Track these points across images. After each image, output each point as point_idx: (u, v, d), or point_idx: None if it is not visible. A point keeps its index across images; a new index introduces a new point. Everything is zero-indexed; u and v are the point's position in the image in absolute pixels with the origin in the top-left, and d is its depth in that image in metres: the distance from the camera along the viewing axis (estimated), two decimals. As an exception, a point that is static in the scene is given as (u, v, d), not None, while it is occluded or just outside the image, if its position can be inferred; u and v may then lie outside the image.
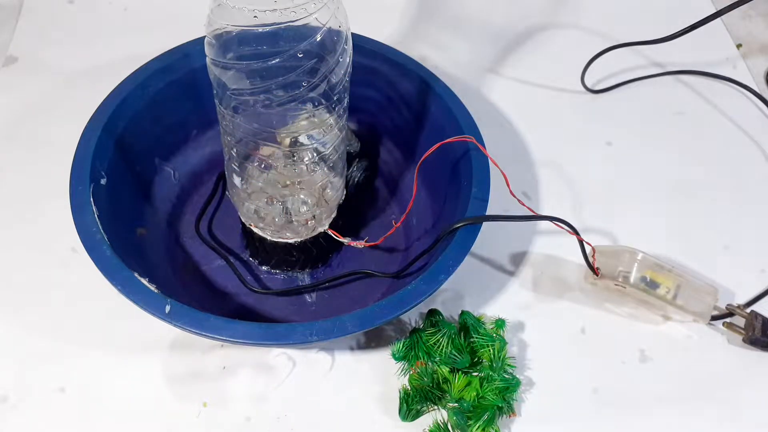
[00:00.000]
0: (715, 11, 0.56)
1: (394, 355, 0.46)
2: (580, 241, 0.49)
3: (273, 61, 0.39)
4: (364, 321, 0.41)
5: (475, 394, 0.44)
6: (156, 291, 0.41)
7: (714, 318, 0.52)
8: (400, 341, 0.47)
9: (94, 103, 0.48)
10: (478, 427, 0.43)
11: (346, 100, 0.44)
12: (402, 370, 0.47)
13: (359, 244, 0.50)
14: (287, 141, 0.44)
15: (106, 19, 0.70)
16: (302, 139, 0.44)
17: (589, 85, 0.68)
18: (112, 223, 0.45)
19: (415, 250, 0.51)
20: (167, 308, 0.39)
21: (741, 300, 0.54)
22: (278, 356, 0.48)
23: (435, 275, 0.43)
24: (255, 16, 0.36)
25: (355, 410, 0.47)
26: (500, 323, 0.48)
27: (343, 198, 0.51)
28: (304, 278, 0.53)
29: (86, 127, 0.47)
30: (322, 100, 0.42)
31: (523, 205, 0.50)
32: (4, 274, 0.51)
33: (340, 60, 0.40)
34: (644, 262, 0.50)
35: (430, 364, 0.46)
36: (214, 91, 0.42)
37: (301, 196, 0.48)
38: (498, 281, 0.54)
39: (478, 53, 0.71)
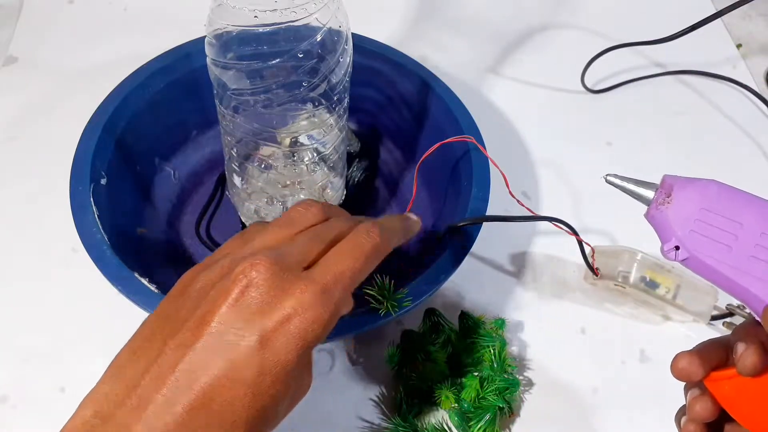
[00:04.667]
0: (715, 11, 0.56)
1: (387, 361, 0.47)
2: (579, 242, 0.49)
3: (273, 61, 0.39)
4: (364, 321, 0.40)
5: (475, 394, 0.44)
6: (156, 291, 0.41)
7: (714, 318, 0.52)
8: (392, 347, 0.47)
9: (94, 103, 0.48)
10: (479, 428, 0.43)
11: (346, 100, 0.44)
12: (398, 374, 0.47)
13: (359, 244, 0.50)
14: (287, 141, 0.44)
15: (106, 19, 0.70)
16: (302, 139, 0.44)
17: (589, 85, 0.68)
18: (112, 223, 0.44)
19: (415, 250, 0.51)
20: (167, 308, 0.39)
21: (741, 300, 0.54)
22: (278, 356, 0.48)
23: (435, 275, 0.43)
24: (255, 16, 0.36)
25: (355, 411, 0.47)
26: (500, 323, 0.48)
27: (343, 198, 0.51)
28: (304, 278, 0.52)
29: (86, 127, 0.47)
30: (322, 100, 0.42)
31: (523, 205, 0.50)
32: (4, 274, 0.51)
33: (341, 60, 0.40)
34: (644, 262, 0.50)
35: (428, 364, 0.46)
36: (215, 91, 0.42)
37: (301, 196, 0.48)
38: (498, 281, 0.54)
39: (478, 53, 0.70)
